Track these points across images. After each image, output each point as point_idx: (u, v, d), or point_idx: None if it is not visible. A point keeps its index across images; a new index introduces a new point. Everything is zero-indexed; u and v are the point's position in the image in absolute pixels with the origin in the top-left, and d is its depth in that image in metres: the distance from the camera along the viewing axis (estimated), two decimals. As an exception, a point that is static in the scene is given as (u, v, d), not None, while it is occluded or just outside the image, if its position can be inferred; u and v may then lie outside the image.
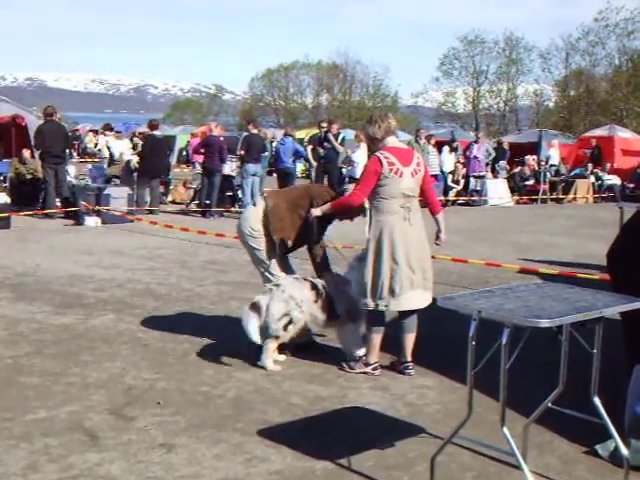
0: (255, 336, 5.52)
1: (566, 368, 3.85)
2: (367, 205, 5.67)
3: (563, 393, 3.90)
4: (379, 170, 5.34)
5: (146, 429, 4.41)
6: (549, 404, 3.95)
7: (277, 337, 5.60)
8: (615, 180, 22.14)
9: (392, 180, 5.34)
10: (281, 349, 5.76)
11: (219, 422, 4.54)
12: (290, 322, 5.60)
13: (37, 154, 14.85)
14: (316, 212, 5.72)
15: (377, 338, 5.51)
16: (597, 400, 3.74)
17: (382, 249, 5.35)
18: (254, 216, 6.01)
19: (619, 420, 3.68)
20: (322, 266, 5.90)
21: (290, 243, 5.90)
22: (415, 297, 5.39)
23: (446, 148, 20.66)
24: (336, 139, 16.68)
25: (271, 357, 5.61)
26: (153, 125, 16.09)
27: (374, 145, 5.58)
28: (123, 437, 4.28)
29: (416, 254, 5.37)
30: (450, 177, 19.91)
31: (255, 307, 5.60)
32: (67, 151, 15.29)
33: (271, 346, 5.60)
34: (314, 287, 5.72)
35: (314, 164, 16.99)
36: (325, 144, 16.48)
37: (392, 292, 5.34)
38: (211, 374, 5.43)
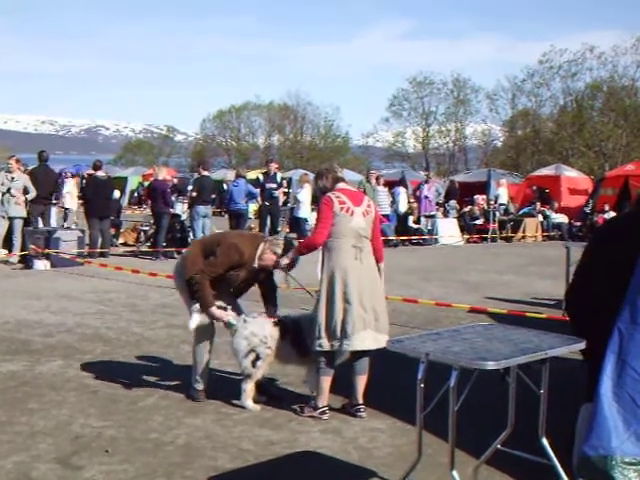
0: (193, 323, 5.64)
1: (514, 409, 3.89)
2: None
3: (512, 434, 3.94)
4: (332, 207, 5.41)
5: (94, 479, 4.32)
6: (498, 445, 3.98)
7: (249, 376, 5.64)
8: (562, 219, 22.59)
9: (343, 218, 5.39)
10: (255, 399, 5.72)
11: (168, 470, 4.47)
12: (257, 358, 5.62)
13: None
14: (284, 261, 5.73)
15: (326, 381, 5.50)
16: (545, 441, 3.78)
17: (335, 289, 5.37)
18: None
19: (567, 460, 3.73)
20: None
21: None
22: (367, 337, 5.38)
23: (402, 189, 20.95)
24: (274, 179, 16.82)
25: (250, 397, 5.64)
26: (96, 166, 16.14)
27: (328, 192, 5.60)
28: (70, 488, 4.19)
29: (368, 294, 5.39)
30: (412, 218, 20.13)
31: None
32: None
33: (247, 386, 5.64)
34: (281, 323, 5.74)
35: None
36: (267, 185, 16.64)
37: (344, 332, 5.34)
38: (161, 420, 5.36)
